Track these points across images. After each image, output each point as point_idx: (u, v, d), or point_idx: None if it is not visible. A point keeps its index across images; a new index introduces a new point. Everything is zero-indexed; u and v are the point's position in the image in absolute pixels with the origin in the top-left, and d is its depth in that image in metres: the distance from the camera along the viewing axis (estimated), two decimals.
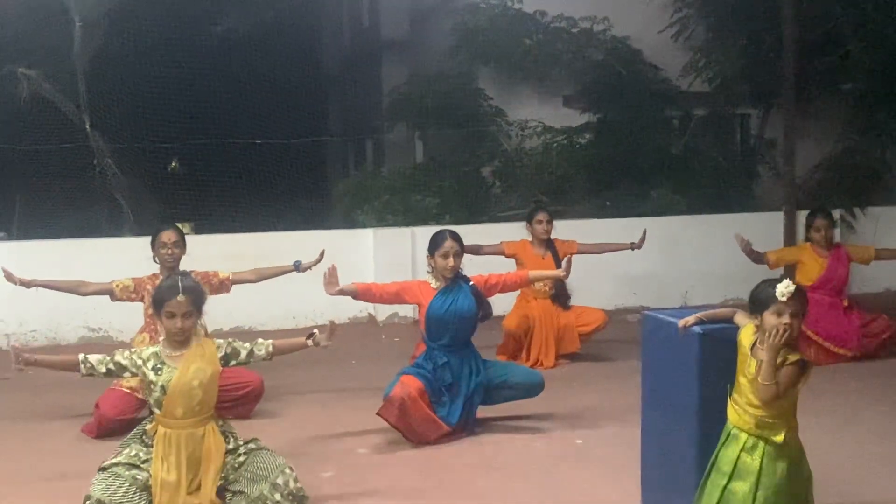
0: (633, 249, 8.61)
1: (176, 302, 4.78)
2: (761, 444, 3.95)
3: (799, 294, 3.94)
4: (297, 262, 7.25)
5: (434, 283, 6.36)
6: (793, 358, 3.91)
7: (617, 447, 5.78)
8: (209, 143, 11.67)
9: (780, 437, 3.93)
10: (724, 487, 4.00)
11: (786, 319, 3.88)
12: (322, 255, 7.28)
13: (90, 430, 6.43)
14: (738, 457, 3.98)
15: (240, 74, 12.21)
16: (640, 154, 12.27)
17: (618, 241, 8.67)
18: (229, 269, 7.14)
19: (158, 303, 4.85)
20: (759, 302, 3.99)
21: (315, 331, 5.22)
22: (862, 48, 11.88)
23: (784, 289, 3.90)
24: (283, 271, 7.32)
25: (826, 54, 12.01)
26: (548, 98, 13.01)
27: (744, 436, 3.99)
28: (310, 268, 7.23)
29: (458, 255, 6.36)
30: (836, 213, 11.06)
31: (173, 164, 11.97)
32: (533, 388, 6.45)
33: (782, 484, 3.94)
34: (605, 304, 9.76)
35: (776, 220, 10.64)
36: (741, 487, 3.96)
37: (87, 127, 11.01)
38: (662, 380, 4.60)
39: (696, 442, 4.28)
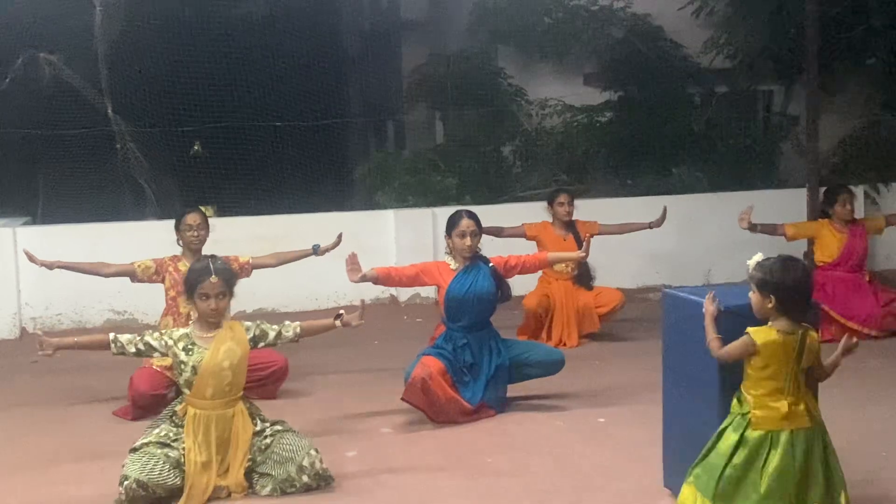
0: (651, 228, 8.62)
1: (209, 283, 4.87)
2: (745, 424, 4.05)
3: (765, 270, 3.94)
4: (315, 245, 7.29)
5: (453, 265, 6.38)
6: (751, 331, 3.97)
7: (639, 425, 5.79)
8: (231, 126, 11.68)
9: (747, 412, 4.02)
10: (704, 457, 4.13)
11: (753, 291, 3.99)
12: (340, 238, 7.33)
13: (125, 412, 6.48)
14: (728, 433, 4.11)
15: (260, 57, 12.19)
16: (661, 132, 12.19)
17: (639, 220, 8.68)
18: (249, 254, 7.19)
19: (191, 285, 4.95)
20: None
21: (342, 312, 5.28)
22: (885, 22, 11.75)
23: (752, 259, 3.99)
24: (302, 255, 7.35)
25: (849, 29, 11.86)
26: (568, 76, 12.93)
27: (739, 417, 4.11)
28: (328, 251, 7.28)
29: (475, 235, 6.37)
30: (860, 189, 11.01)
31: (195, 147, 11.99)
32: (553, 366, 6.46)
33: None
34: (627, 283, 9.79)
35: (799, 196, 10.56)
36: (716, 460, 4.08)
37: (109, 111, 11.04)
38: (683, 358, 4.59)
39: (717, 420, 4.26)
